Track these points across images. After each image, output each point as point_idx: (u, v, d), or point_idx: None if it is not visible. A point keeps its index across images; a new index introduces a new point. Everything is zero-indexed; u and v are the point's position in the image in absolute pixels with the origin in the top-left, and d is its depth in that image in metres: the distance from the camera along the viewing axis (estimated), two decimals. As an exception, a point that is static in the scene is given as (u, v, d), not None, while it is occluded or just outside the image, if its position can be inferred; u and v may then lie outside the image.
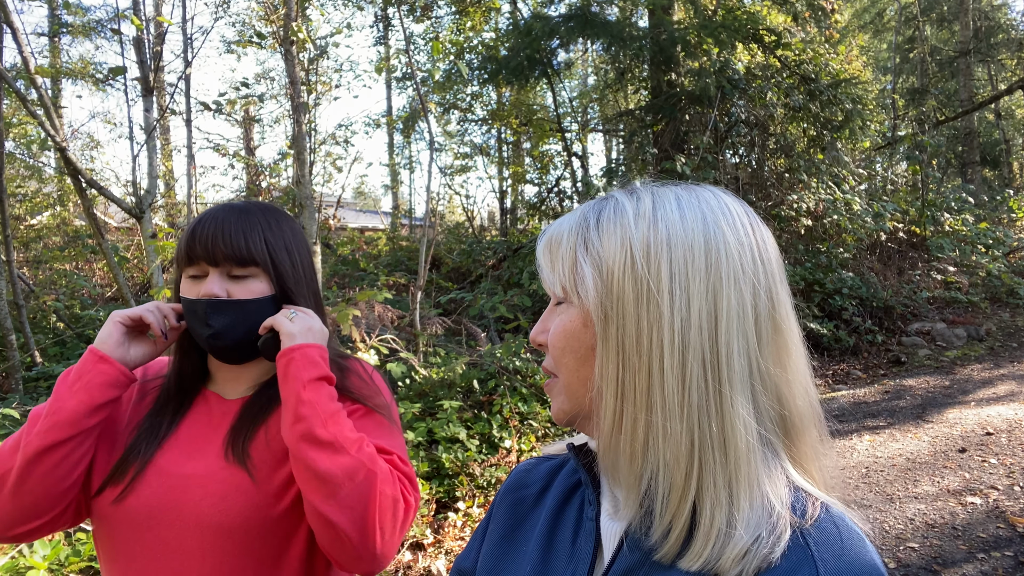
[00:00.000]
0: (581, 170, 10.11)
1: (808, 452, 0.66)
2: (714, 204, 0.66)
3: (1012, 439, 4.91)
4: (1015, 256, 11.45)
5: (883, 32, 18.38)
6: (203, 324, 1.08)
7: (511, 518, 0.83)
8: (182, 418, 1.14)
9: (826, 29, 11.97)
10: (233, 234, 1.08)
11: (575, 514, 0.76)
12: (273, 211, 1.17)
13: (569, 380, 0.69)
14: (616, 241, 0.65)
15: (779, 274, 0.66)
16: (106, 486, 1.06)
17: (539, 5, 11.09)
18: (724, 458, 0.60)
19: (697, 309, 0.61)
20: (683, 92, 8.14)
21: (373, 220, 21.40)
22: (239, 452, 1.07)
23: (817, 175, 8.72)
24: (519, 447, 4.53)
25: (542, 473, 0.86)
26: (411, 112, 13.93)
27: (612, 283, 0.64)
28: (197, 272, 1.09)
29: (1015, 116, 18.21)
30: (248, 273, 1.10)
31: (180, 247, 1.10)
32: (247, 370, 1.18)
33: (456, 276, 9.55)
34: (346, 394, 1.15)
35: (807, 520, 0.61)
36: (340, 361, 1.22)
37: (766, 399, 0.63)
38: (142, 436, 1.10)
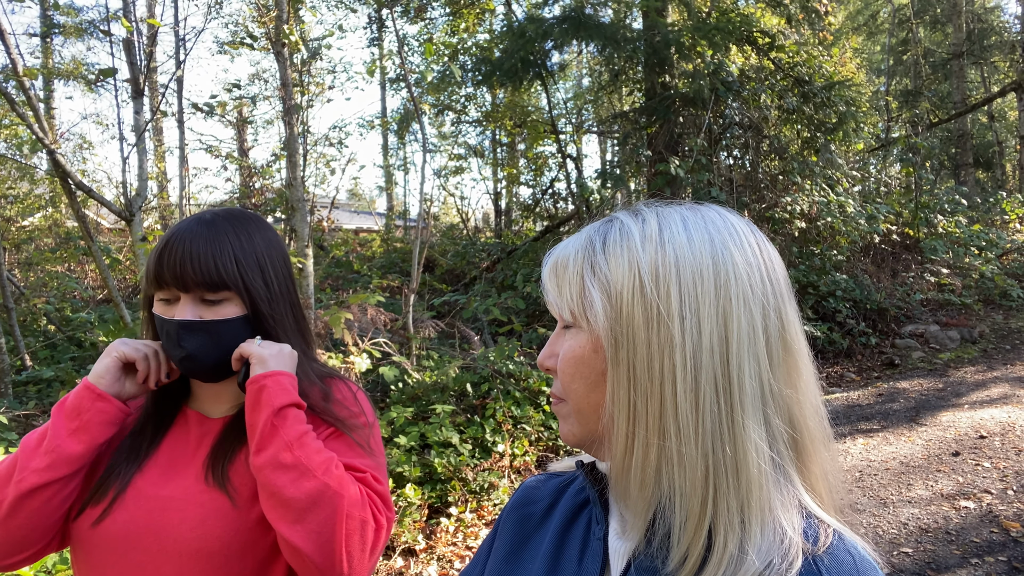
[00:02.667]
0: (575, 172, 10.10)
1: (819, 473, 0.66)
2: (720, 224, 0.66)
3: (1006, 442, 4.91)
4: (1008, 258, 11.49)
5: (876, 34, 18.43)
6: (175, 346, 1.05)
7: (517, 535, 0.83)
8: (163, 438, 1.12)
9: (820, 31, 12.00)
10: (203, 259, 1.04)
11: (582, 533, 0.76)
12: (243, 221, 1.13)
13: (579, 405, 0.69)
14: (624, 265, 0.64)
15: (787, 293, 0.66)
16: (85, 508, 1.03)
17: (533, 7, 11.09)
18: (737, 483, 0.60)
19: (708, 332, 0.61)
20: (677, 94, 8.13)
21: (368, 221, 21.37)
22: (219, 475, 1.05)
23: (811, 177, 8.73)
24: (512, 451, 4.51)
25: (550, 490, 0.85)
26: (405, 113, 13.91)
27: (621, 308, 0.63)
28: (168, 296, 1.06)
29: (1008, 118, 18.28)
30: (221, 297, 1.07)
31: (149, 269, 1.06)
32: (228, 388, 1.15)
33: (450, 278, 9.53)
34: (324, 417, 1.12)
35: (819, 547, 0.61)
36: (322, 383, 1.18)
37: (778, 421, 0.63)
38: (122, 457, 1.08)
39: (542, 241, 9.00)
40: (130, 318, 4.88)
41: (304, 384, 1.14)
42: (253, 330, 1.11)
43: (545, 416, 4.84)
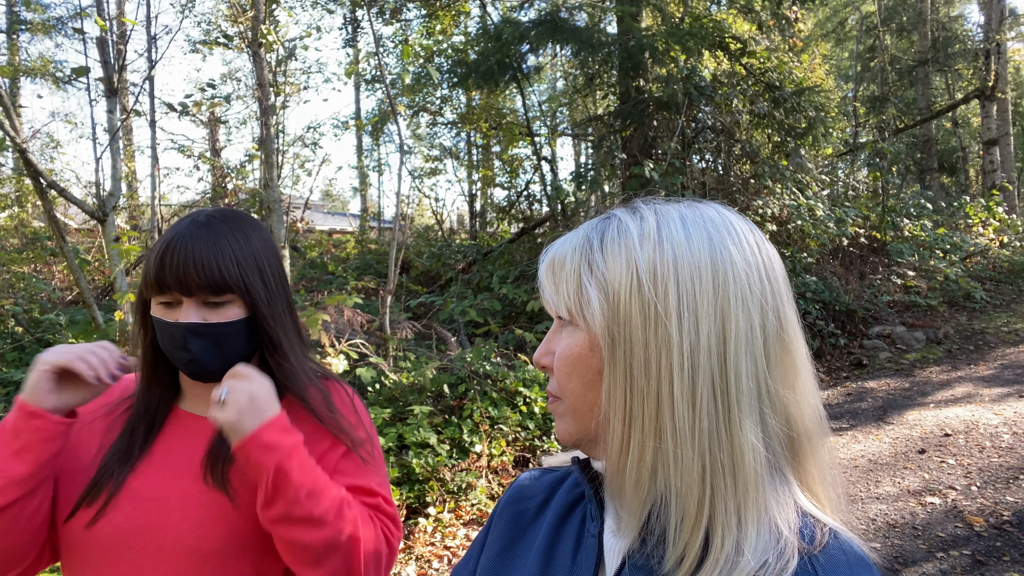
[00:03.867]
0: (551, 174, 10.17)
1: (816, 473, 0.65)
2: (719, 223, 0.65)
3: (969, 440, 5.05)
4: (972, 261, 11.78)
5: (845, 41, 18.80)
6: (181, 349, 1.05)
7: (511, 531, 0.82)
8: (155, 438, 1.12)
9: (790, 38, 12.21)
10: (205, 262, 1.04)
11: (576, 529, 0.75)
12: (239, 221, 1.14)
13: (575, 404, 0.68)
14: (621, 263, 0.64)
15: (786, 293, 0.66)
16: (77, 510, 1.04)
17: (508, 10, 11.14)
18: (734, 484, 0.60)
19: (706, 332, 0.60)
20: (651, 98, 8.23)
21: (341, 222, 21.24)
22: (218, 476, 1.06)
23: (782, 181, 8.88)
24: (490, 452, 4.54)
25: (544, 486, 0.85)
26: (380, 114, 13.87)
27: (619, 307, 0.63)
28: (169, 300, 1.06)
29: (971, 124, 18.74)
30: (224, 300, 1.07)
31: (149, 273, 1.06)
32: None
33: (425, 280, 9.53)
34: (332, 430, 1.14)
35: (815, 546, 0.60)
36: (321, 385, 1.20)
37: (775, 422, 0.62)
38: (114, 458, 1.08)
39: (518, 243, 9.04)
40: (102, 319, 4.82)
41: (303, 384, 1.16)
42: (254, 332, 1.12)
43: (522, 417, 4.87)
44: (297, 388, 1.15)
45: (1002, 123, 14.24)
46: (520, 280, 7.48)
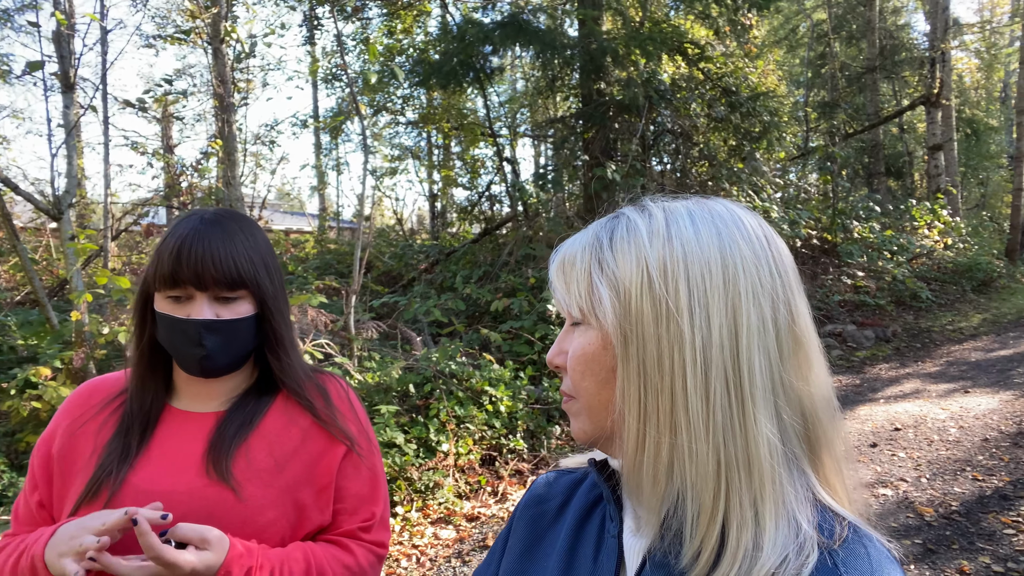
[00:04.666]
0: (513, 175, 10.21)
1: (833, 466, 0.66)
2: (727, 218, 0.66)
3: (918, 434, 5.25)
4: (918, 262, 12.19)
5: (796, 48, 19.25)
6: (195, 345, 1.07)
7: (531, 533, 0.83)
8: (151, 435, 1.12)
9: (745, 44, 12.48)
10: (223, 258, 1.06)
11: (596, 530, 0.76)
12: (243, 220, 1.17)
13: (590, 403, 0.68)
14: (631, 261, 0.64)
15: (796, 286, 0.66)
16: (78, 509, 1.04)
17: (470, 10, 11.15)
18: (749, 477, 0.60)
19: (718, 326, 0.61)
20: (613, 101, 8.33)
21: (298, 222, 20.97)
22: (221, 470, 1.07)
23: (738, 184, 9.08)
24: (456, 450, 4.56)
25: (562, 487, 0.85)
26: (340, 113, 13.74)
27: (630, 304, 0.63)
28: (180, 294, 1.07)
29: (917, 130, 19.38)
30: (237, 296, 1.10)
31: (162, 267, 1.06)
32: (221, 384, 1.18)
33: (387, 280, 9.48)
34: (331, 430, 1.17)
35: (835, 541, 0.61)
36: (318, 380, 1.23)
37: (789, 415, 0.62)
38: (111, 456, 1.08)
39: (480, 243, 9.06)
40: (56, 320, 4.70)
41: (301, 380, 1.18)
42: (259, 328, 1.14)
43: (488, 416, 4.90)
44: (295, 384, 1.18)
45: (946, 129, 14.78)
46: (483, 280, 7.50)
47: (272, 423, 1.17)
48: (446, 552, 3.75)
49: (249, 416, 1.15)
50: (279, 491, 1.12)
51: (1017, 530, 3.56)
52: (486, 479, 4.58)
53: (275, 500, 1.10)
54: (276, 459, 1.14)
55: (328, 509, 1.18)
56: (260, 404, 1.18)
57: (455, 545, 3.82)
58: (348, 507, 1.19)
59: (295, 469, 1.14)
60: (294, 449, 1.16)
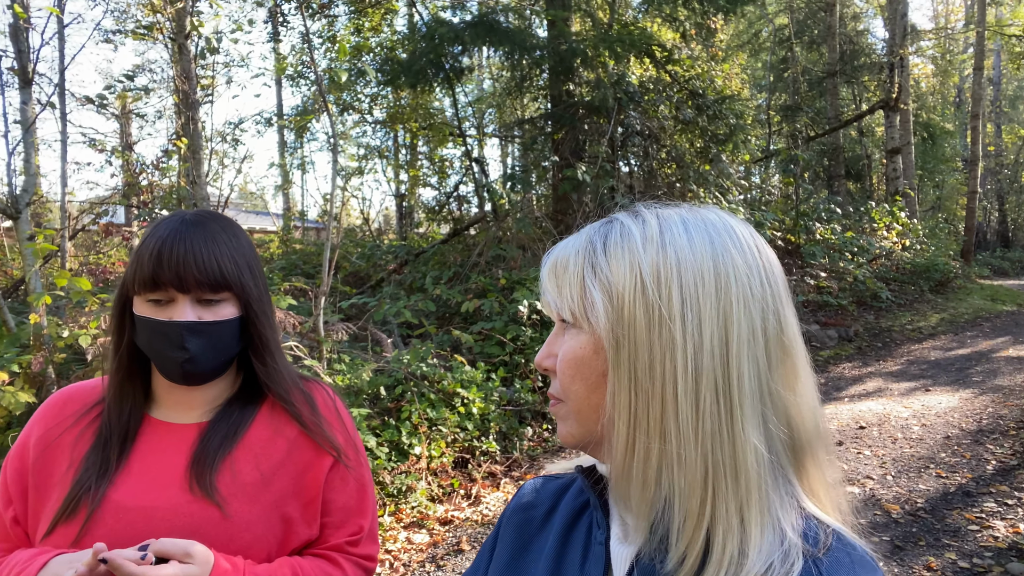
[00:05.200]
0: (482, 175, 10.18)
1: (818, 476, 0.66)
2: (720, 226, 0.66)
3: (882, 432, 5.35)
4: (877, 263, 12.46)
5: (759, 52, 19.54)
6: (177, 348, 1.02)
7: (518, 540, 0.82)
8: (131, 449, 1.08)
9: (710, 47, 12.64)
10: (206, 259, 1.03)
11: (583, 537, 0.75)
12: (226, 222, 1.13)
13: (579, 407, 0.68)
14: (625, 266, 0.64)
15: (785, 296, 0.66)
16: (54, 528, 0.99)
17: (438, 9, 11.09)
18: (736, 485, 0.60)
19: (709, 334, 0.61)
20: (582, 102, 8.36)
21: (262, 221, 20.68)
22: (205, 485, 1.03)
23: (705, 185, 9.18)
24: (429, 453, 4.51)
25: (548, 493, 0.85)
26: (305, 111, 13.56)
27: (623, 309, 0.63)
28: (161, 297, 1.03)
29: (875, 134, 19.81)
30: (220, 298, 1.06)
31: (142, 269, 1.02)
32: (203, 393, 1.13)
33: (355, 281, 9.37)
34: (317, 439, 1.14)
35: (819, 549, 0.61)
36: (304, 387, 1.19)
37: (776, 424, 0.63)
38: (89, 471, 1.03)
39: (450, 243, 9.01)
40: (13, 323, 4.54)
41: (287, 386, 1.15)
42: (244, 332, 1.10)
43: (460, 418, 4.87)
44: (281, 390, 1.15)
45: (904, 133, 15.13)
46: (453, 281, 7.46)
47: (258, 434, 1.13)
48: (420, 557, 3.71)
49: (234, 427, 1.11)
50: (266, 506, 1.08)
51: (981, 526, 3.64)
52: (459, 482, 4.55)
53: (262, 515, 1.06)
54: (262, 472, 1.10)
55: (315, 523, 1.14)
56: (245, 414, 1.14)
57: (429, 549, 3.78)
58: (335, 520, 1.16)
59: (282, 482, 1.11)
60: (280, 461, 1.12)
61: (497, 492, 4.52)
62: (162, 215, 7.95)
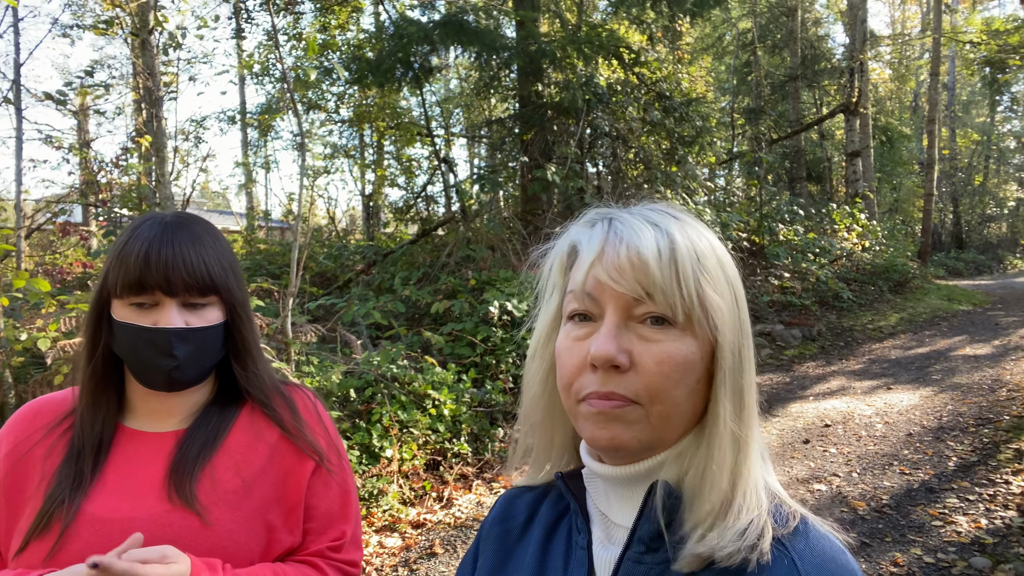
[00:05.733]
0: (451, 175, 10.14)
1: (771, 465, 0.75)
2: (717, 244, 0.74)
3: (847, 430, 5.45)
4: (838, 263, 12.71)
5: (723, 55, 19.80)
6: (165, 355, 0.99)
7: (500, 550, 0.82)
8: (105, 459, 1.04)
9: (676, 50, 12.77)
10: (194, 262, 1.01)
11: (564, 543, 0.76)
12: (207, 225, 1.10)
13: (669, 412, 0.66)
14: (720, 274, 0.69)
15: None
16: (29, 542, 0.95)
17: (405, 7, 11.01)
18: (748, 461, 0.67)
19: (748, 332, 0.69)
20: (551, 103, 8.37)
21: (225, 221, 20.33)
22: (185, 494, 1.00)
23: (672, 187, 9.26)
24: (401, 456, 4.47)
25: (526, 503, 0.85)
26: (270, 108, 13.36)
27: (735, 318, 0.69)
28: (146, 300, 1.00)
29: (836, 137, 20.19)
30: (207, 302, 1.04)
31: (127, 273, 0.99)
32: (181, 399, 1.10)
33: (321, 281, 9.26)
34: (299, 443, 1.12)
35: (787, 528, 0.66)
36: (285, 391, 1.17)
37: None
38: (62, 484, 0.99)
39: (419, 244, 8.95)
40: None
41: (268, 391, 1.12)
42: (227, 337, 1.07)
43: (432, 419, 4.83)
44: (262, 395, 1.13)
45: (863, 136, 15.45)
46: (423, 281, 7.41)
47: (237, 440, 1.10)
48: (392, 561, 3.67)
49: (212, 434, 1.08)
50: (248, 513, 1.05)
51: (944, 522, 3.73)
52: (431, 484, 4.51)
53: (244, 523, 1.04)
54: (244, 479, 1.07)
55: (298, 530, 1.12)
56: (223, 420, 1.11)
57: (401, 553, 3.75)
58: (317, 526, 1.14)
59: (264, 489, 1.08)
60: (262, 467, 1.09)
61: (469, 494, 4.50)
62: (122, 214, 7.71)
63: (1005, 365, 7.29)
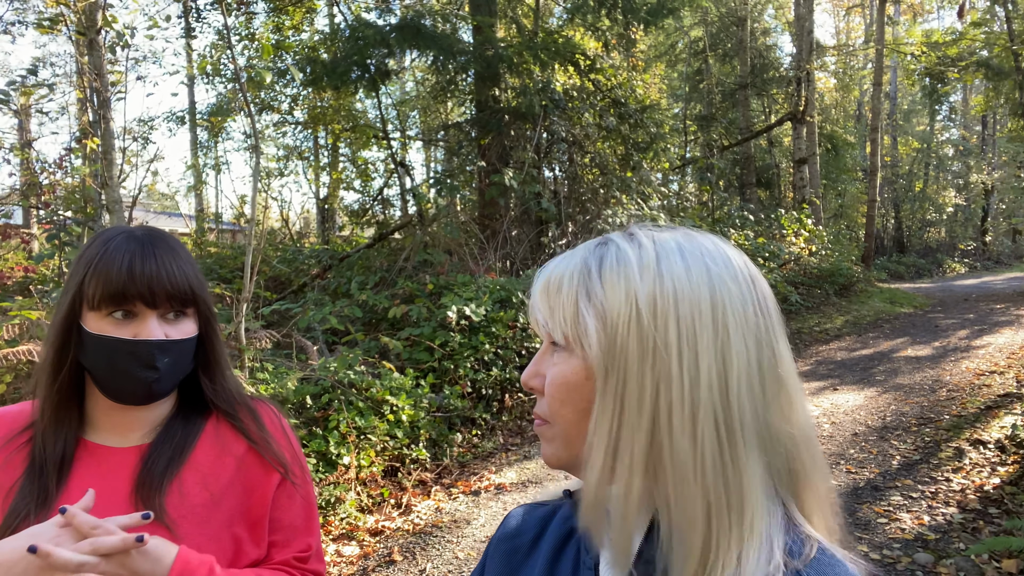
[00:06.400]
0: (408, 179, 10.10)
1: (814, 506, 0.66)
2: (716, 256, 0.65)
3: (796, 430, 5.60)
4: (787, 267, 13.03)
5: (676, 63, 20.16)
6: (146, 367, 0.99)
7: (505, 568, 0.81)
8: (68, 474, 1.03)
9: (630, 57, 12.95)
10: (176, 274, 1.02)
11: (571, 563, 0.75)
12: (177, 240, 1.10)
13: (567, 431, 0.67)
14: (620, 294, 0.63)
15: (779, 327, 0.66)
16: None
17: (361, 9, 10.93)
18: (740, 519, 0.59)
19: (707, 367, 0.60)
20: (508, 108, 8.41)
21: (173, 223, 19.84)
22: (154, 507, 1.00)
23: (628, 192, 9.39)
24: (358, 463, 4.44)
25: (534, 521, 0.84)
26: (220, 109, 13.10)
27: (616, 337, 0.62)
28: (127, 310, 1.00)
29: (783, 144, 20.72)
30: (187, 313, 1.05)
31: (109, 284, 0.98)
32: (145, 414, 1.09)
33: (275, 286, 9.12)
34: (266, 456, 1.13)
35: (803, 560, 0.61)
36: (251, 405, 1.17)
37: (775, 455, 0.62)
38: (26, 500, 0.98)
39: (376, 248, 8.89)
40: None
41: (234, 404, 1.13)
42: (200, 348, 1.08)
43: (390, 426, 4.81)
44: (229, 408, 1.13)
45: (810, 144, 15.89)
46: (380, 286, 7.36)
47: (204, 454, 1.10)
48: (350, 569, 3.64)
49: (179, 448, 1.08)
50: (216, 527, 1.06)
51: (889, 519, 3.86)
52: (389, 491, 4.49)
53: (213, 537, 1.04)
54: (212, 492, 1.07)
55: (263, 543, 1.12)
56: (189, 434, 1.11)
57: (359, 562, 3.72)
58: (281, 539, 1.15)
59: (231, 502, 1.09)
60: (229, 480, 1.10)
61: (428, 500, 4.49)
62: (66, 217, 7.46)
63: (945, 366, 7.58)
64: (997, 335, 9.32)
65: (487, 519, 4.18)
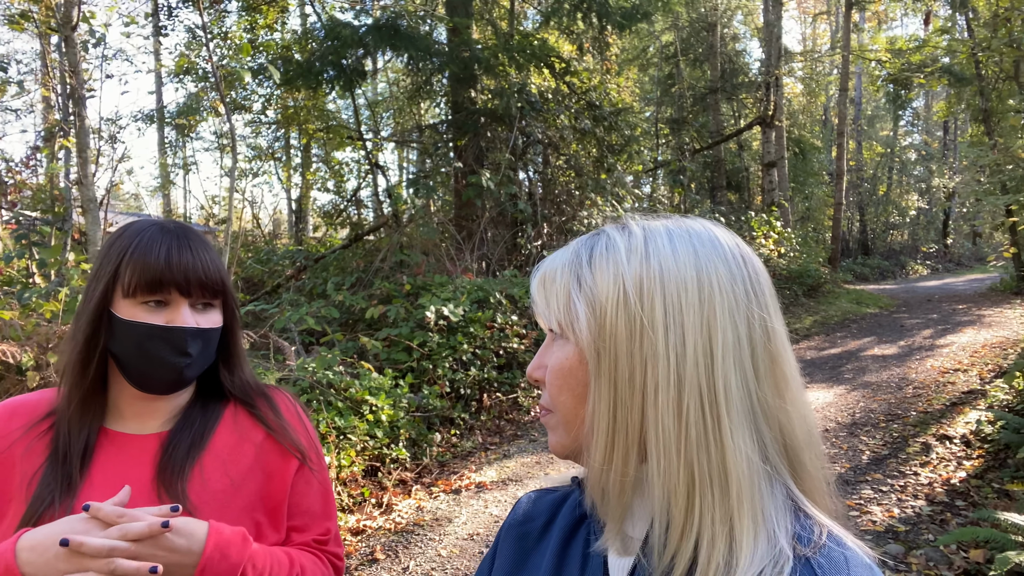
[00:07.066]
0: (384, 180, 10.08)
1: (810, 482, 0.66)
2: (705, 237, 0.66)
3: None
4: (757, 269, 13.22)
5: (648, 67, 20.36)
6: (179, 353, 1.02)
7: (517, 553, 0.83)
8: (91, 462, 1.04)
9: (604, 61, 13.07)
10: (210, 263, 1.05)
11: (581, 549, 0.76)
12: (198, 231, 1.14)
13: (567, 417, 0.69)
14: (608, 278, 0.65)
15: (772, 305, 0.66)
16: None
17: (335, 9, 10.89)
18: (724, 494, 0.60)
19: (692, 344, 0.61)
20: (485, 110, 8.45)
21: (141, 224, 19.51)
22: (176, 493, 1.02)
23: (602, 193, 9.48)
24: (338, 463, 4.43)
25: (545, 506, 0.85)
26: (190, 108, 12.95)
27: (605, 320, 0.64)
28: (160, 299, 1.03)
29: (753, 148, 21.06)
30: (215, 303, 1.08)
31: (146, 272, 1.01)
32: (166, 402, 1.11)
33: (248, 287, 9.05)
34: (283, 442, 1.15)
35: (813, 548, 0.60)
36: (267, 392, 1.20)
37: (768, 431, 0.63)
38: (49, 486, 0.99)
39: (351, 249, 8.86)
40: None
41: (251, 393, 1.16)
42: (223, 339, 1.11)
43: (370, 425, 4.81)
44: (246, 396, 1.16)
45: (779, 148, 16.17)
46: (356, 287, 7.34)
47: (224, 440, 1.13)
48: (333, 568, 3.64)
49: (199, 434, 1.10)
50: (237, 513, 1.07)
51: (860, 512, 3.97)
52: (369, 491, 4.49)
53: (233, 521, 1.05)
54: (232, 479, 1.09)
55: (283, 528, 1.15)
56: (208, 421, 1.13)
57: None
58: (300, 523, 1.17)
59: (251, 487, 1.11)
60: (249, 467, 1.12)
61: (409, 499, 4.50)
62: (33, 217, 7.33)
63: (910, 364, 7.78)
64: (960, 334, 9.58)
65: (469, 517, 4.21)
